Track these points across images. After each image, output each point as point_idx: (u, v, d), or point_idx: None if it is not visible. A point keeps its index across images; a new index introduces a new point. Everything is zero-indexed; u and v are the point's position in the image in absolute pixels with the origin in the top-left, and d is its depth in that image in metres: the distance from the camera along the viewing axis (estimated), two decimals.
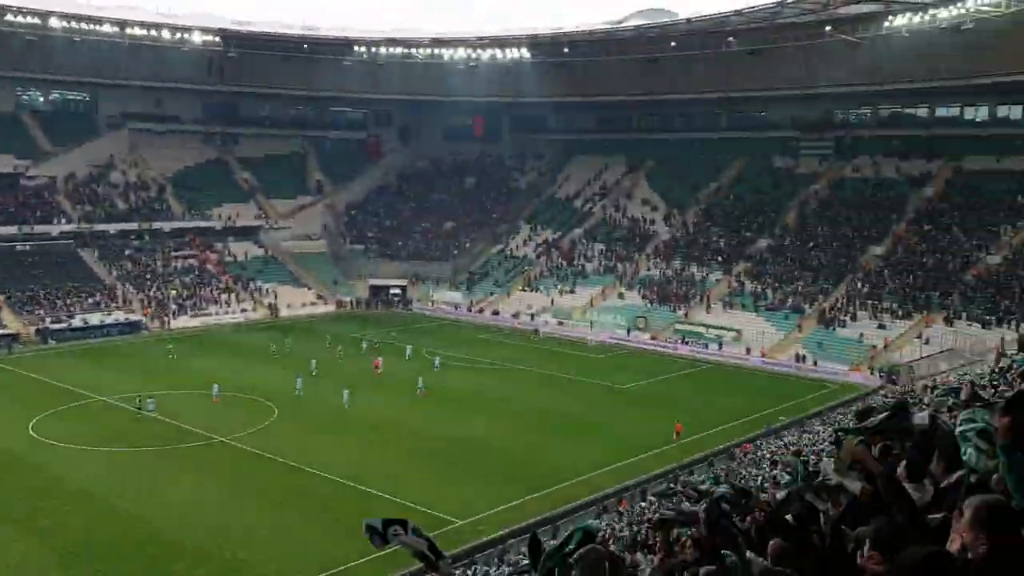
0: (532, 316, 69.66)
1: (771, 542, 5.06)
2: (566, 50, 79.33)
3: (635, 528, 26.48)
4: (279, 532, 29.23)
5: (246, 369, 52.48)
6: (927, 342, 52.29)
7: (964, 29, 58.31)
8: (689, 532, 5.69)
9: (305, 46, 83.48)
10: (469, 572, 26.34)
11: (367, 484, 33.38)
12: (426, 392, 46.70)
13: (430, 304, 77.36)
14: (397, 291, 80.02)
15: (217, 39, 79.40)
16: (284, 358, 54.77)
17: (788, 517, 5.59)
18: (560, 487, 33.84)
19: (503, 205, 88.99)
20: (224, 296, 72.93)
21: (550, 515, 31.72)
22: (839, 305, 59.11)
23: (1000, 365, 28.67)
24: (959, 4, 56.71)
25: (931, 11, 58.37)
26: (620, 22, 78.80)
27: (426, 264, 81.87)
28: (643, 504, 32.70)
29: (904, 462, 4.90)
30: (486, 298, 75.64)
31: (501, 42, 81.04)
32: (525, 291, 74.66)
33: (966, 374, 36.61)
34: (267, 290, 75.04)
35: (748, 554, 5.51)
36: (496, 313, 72.59)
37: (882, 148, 71.47)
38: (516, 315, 70.85)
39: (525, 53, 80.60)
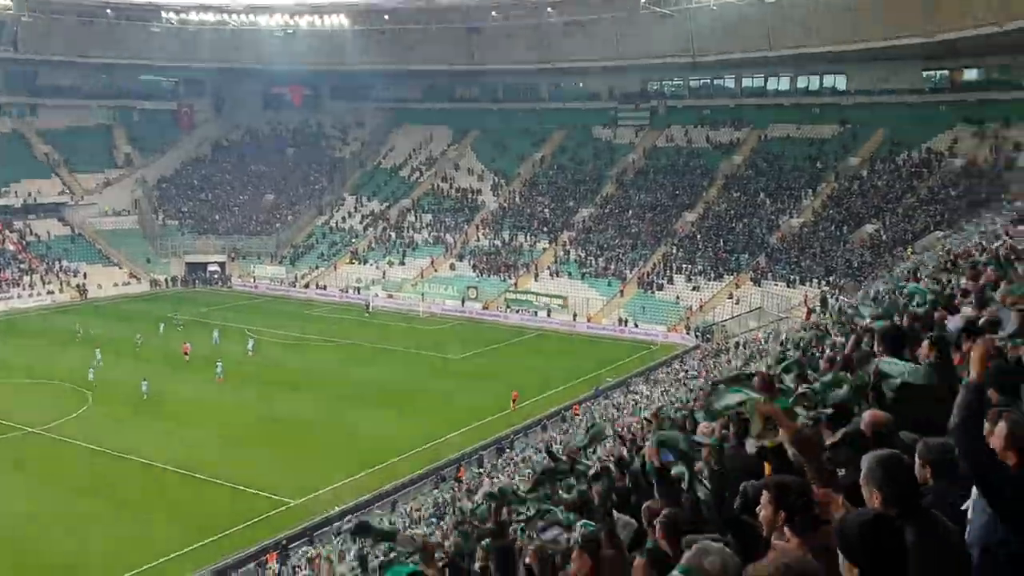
0: (359, 290, 68.56)
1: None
2: (386, 18, 78.00)
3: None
4: (97, 522, 27.58)
5: (54, 355, 48.92)
6: (737, 302, 55.73)
7: (768, 3, 61.84)
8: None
9: (109, 11, 77.56)
10: (311, 549, 25.87)
11: (194, 470, 31.93)
12: (223, 378, 43.66)
13: (252, 281, 74.64)
14: (216, 268, 76.64)
15: (9, 1, 72.37)
16: (90, 342, 50.92)
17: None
18: (397, 460, 33.66)
19: (326, 176, 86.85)
20: (27, 278, 67.46)
21: (389, 488, 31.58)
22: (657, 270, 61.82)
23: (812, 320, 30.72)
24: None
25: None
26: None
27: (247, 239, 78.79)
28: (481, 470, 33.15)
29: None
30: (311, 272, 73.82)
31: (319, 9, 78.54)
32: (353, 264, 73.41)
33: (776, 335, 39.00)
34: (75, 270, 69.97)
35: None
36: (323, 288, 70.99)
37: (694, 118, 75.00)
38: (344, 289, 69.58)
39: (344, 21, 78.57)
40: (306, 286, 71.95)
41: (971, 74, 64.96)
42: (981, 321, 6.56)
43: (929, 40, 56.41)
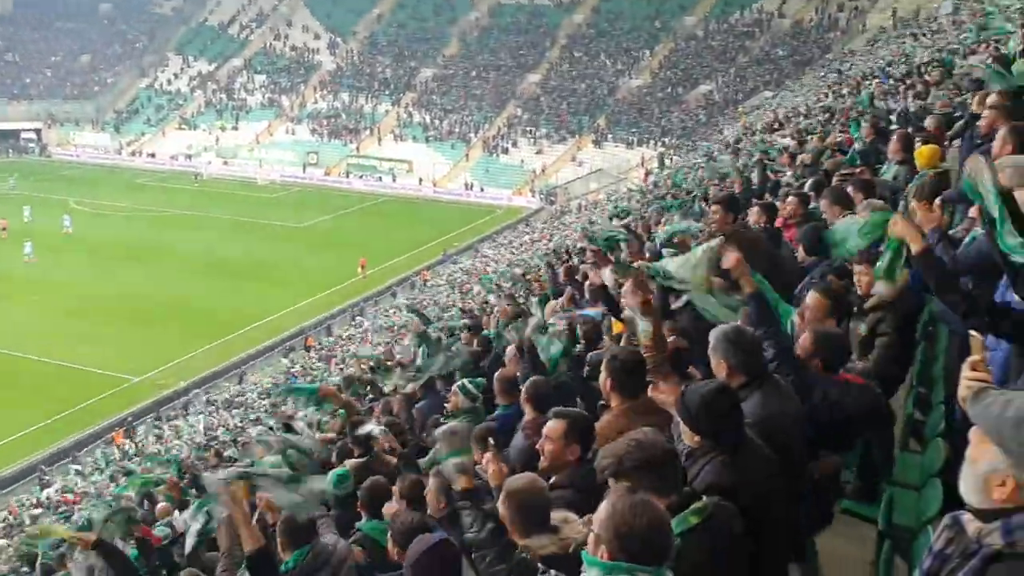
0: (190, 157, 65.06)
1: None
2: None
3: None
4: None
5: None
6: (580, 164, 56.76)
7: None
8: None
9: None
10: (164, 427, 25.57)
11: (25, 350, 30.45)
12: (35, 259, 40.55)
13: (72, 149, 69.36)
14: (31, 135, 70.60)
15: None
16: None
17: None
18: (243, 331, 33.20)
19: (147, 35, 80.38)
20: None
21: (236, 360, 31.30)
22: (502, 133, 61.77)
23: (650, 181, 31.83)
24: None
25: None
26: None
27: (63, 104, 72.57)
28: (330, 339, 33.27)
29: None
30: (138, 139, 69.30)
31: None
32: (183, 130, 69.33)
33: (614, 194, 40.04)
34: None
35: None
36: (152, 155, 66.96)
37: None
38: (175, 157, 65.86)
39: None
40: (133, 154, 67.56)
41: None
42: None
43: None
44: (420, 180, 58.82)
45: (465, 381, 6.67)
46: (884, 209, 4.84)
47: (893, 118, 10.93)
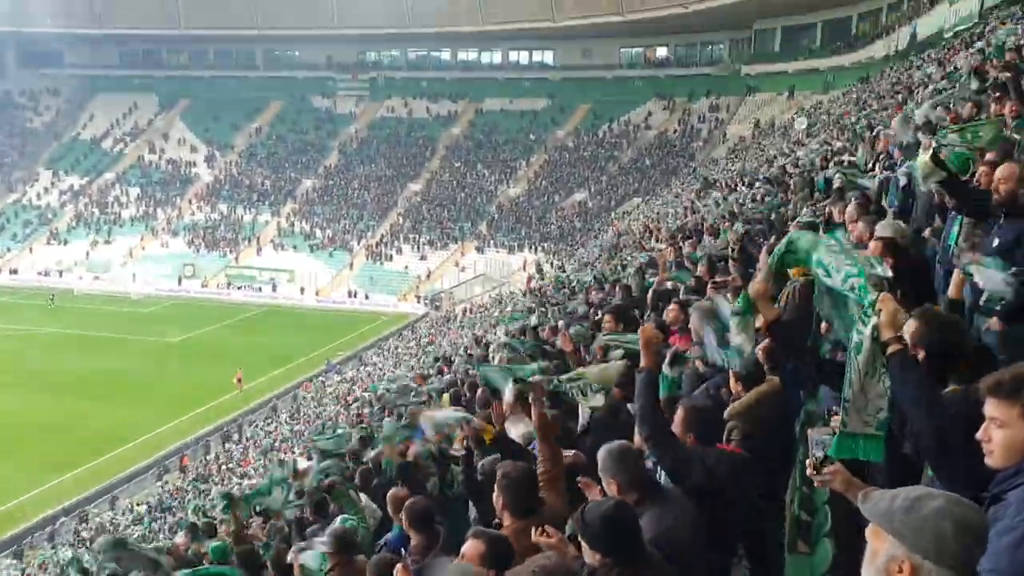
0: (60, 273, 62.46)
1: None
2: None
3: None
4: None
5: None
6: (463, 269, 57.47)
7: None
8: None
9: None
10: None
11: None
12: None
13: None
14: None
15: None
16: None
17: None
18: (113, 455, 31.38)
19: (17, 149, 77.81)
20: None
21: (106, 485, 29.51)
22: (385, 240, 62.07)
23: (531, 286, 32.46)
24: None
25: None
26: None
27: None
28: (208, 457, 31.87)
29: None
30: (3, 256, 66.19)
31: None
32: (52, 245, 66.66)
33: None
34: None
35: None
36: (14, 272, 63.88)
37: (414, 89, 75.50)
38: (43, 272, 63.01)
39: None
40: None
41: (661, 52, 70.82)
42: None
43: (624, 19, 61.03)
44: (302, 289, 58.11)
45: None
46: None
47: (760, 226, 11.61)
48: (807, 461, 3.27)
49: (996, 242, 4.55)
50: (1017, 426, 2.42)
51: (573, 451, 4.64)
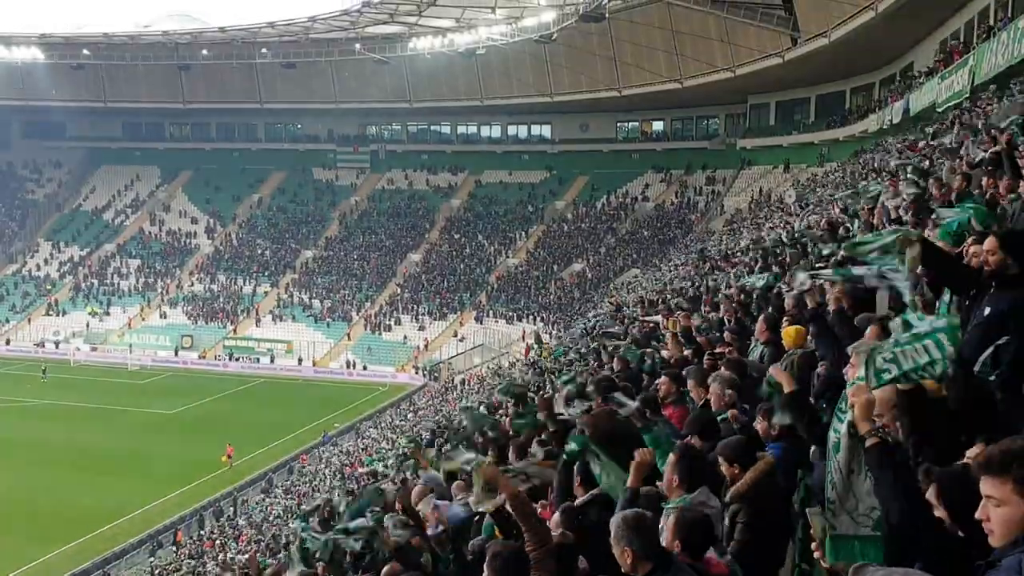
0: (57, 344, 62.39)
1: None
2: (85, 52, 72.15)
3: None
4: None
5: None
6: (462, 339, 57.36)
7: (478, 54, 64.89)
8: None
9: None
10: None
11: None
12: None
13: None
14: None
15: None
16: None
17: None
18: (104, 530, 30.82)
19: (18, 220, 78.49)
20: None
21: (99, 560, 28.88)
22: (384, 311, 62.10)
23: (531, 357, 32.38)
24: (472, 31, 62.92)
25: (449, 35, 63.93)
26: (148, 26, 74.06)
27: None
28: (202, 532, 31.30)
29: None
30: (1, 326, 66.15)
31: (8, 39, 70.90)
32: (50, 316, 66.68)
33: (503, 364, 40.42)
34: None
35: None
36: (7, 343, 63.80)
37: (414, 162, 76.47)
38: (40, 344, 62.92)
39: (38, 53, 71.42)
40: None
41: (658, 125, 71.92)
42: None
43: (620, 95, 62.19)
44: (300, 360, 57.92)
45: None
46: None
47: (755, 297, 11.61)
48: (812, 545, 3.22)
49: (987, 311, 4.54)
50: (1012, 502, 2.40)
51: (561, 530, 4.55)
